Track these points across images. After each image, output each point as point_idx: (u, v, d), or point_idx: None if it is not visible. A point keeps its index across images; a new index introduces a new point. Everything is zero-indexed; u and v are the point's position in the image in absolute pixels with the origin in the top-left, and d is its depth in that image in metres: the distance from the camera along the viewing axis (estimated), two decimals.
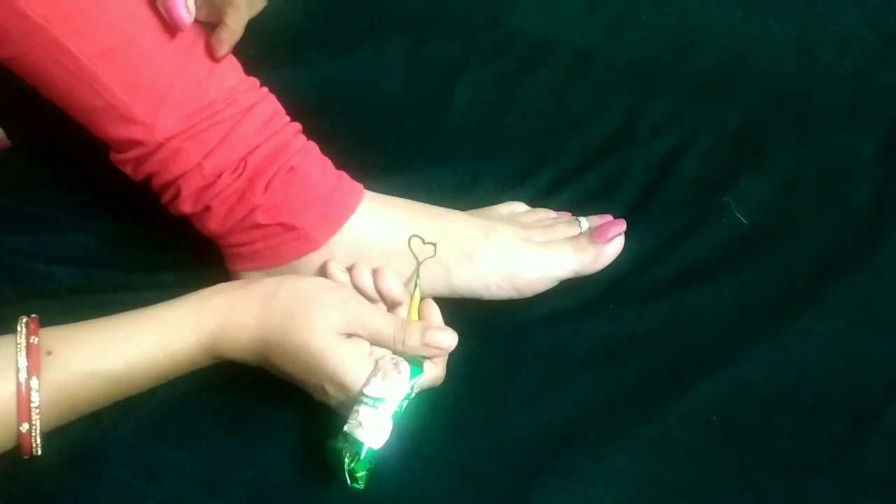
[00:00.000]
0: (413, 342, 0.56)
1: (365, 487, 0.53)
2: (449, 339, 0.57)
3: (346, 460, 0.53)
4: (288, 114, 0.62)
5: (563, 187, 0.73)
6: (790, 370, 0.62)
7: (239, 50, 0.60)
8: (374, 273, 0.60)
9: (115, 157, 0.59)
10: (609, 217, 0.68)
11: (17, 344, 0.49)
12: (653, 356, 0.63)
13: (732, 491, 0.57)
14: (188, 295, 0.55)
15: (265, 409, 0.60)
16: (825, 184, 0.72)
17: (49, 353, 0.50)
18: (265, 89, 0.61)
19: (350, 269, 0.60)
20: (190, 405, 0.55)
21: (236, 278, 0.63)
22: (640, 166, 0.74)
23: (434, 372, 0.58)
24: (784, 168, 0.73)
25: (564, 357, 0.63)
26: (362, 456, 0.53)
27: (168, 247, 0.68)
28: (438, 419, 0.58)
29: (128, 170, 0.60)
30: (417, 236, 0.62)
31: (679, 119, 0.77)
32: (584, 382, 0.62)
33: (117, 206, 0.70)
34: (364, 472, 0.53)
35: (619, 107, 0.78)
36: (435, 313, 0.60)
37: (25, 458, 0.50)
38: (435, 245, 0.62)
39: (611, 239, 0.65)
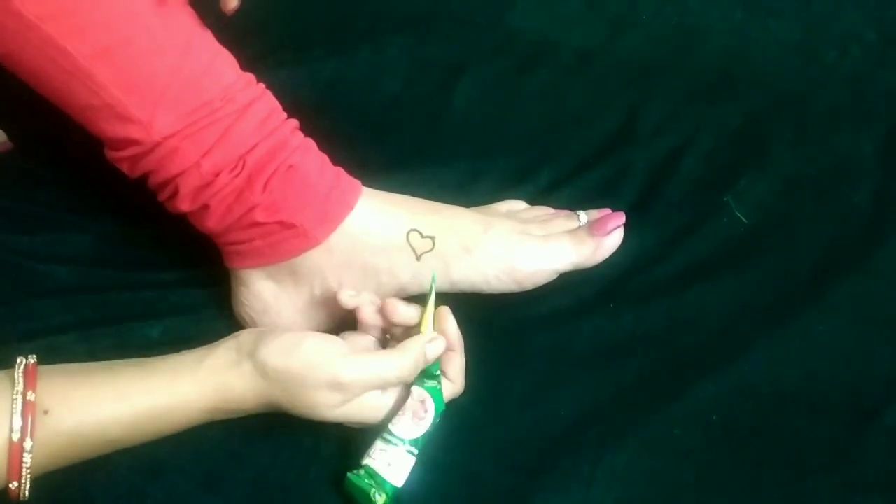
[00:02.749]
0: (412, 371, 0.56)
1: None
2: (434, 348, 0.57)
3: (374, 500, 0.53)
4: (288, 114, 0.62)
5: (563, 187, 0.73)
6: (790, 370, 0.62)
7: (238, 50, 0.60)
8: (384, 309, 0.59)
9: (110, 154, 0.59)
10: (608, 210, 0.68)
11: (12, 399, 0.48)
12: (653, 356, 0.63)
13: (732, 491, 0.57)
14: (188, 361, 0.54)
15: None
16: (825, 183, 0.72)
17: (46, 412, 0.49)
18: (261, 85, 0.61)
19: (357, 311, 0.59)
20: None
21: (235, 276, 0.63)
22: (640, 166, 0.74)
23: (453, 388, 0.58)
24: (784, 168, 0.73)
25: (564, 357, 0.63)
26: (388, 494, 0.53)
27: (168, 245, 0.68)
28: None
29: (124, 167, 0.60)
30: (416, 231, 0.62)
31: (679, 119, 0.77)
32: (584, 382, 0.62)
33: (117, 205, 0.70)
34: None
35: (620, 106, 0.78)
36: (449, 322, 0.59)
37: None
38: (433, 239, 0.62)
39: (610, 231, 0.65)
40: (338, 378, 0.53)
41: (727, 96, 0.78)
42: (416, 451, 0.55)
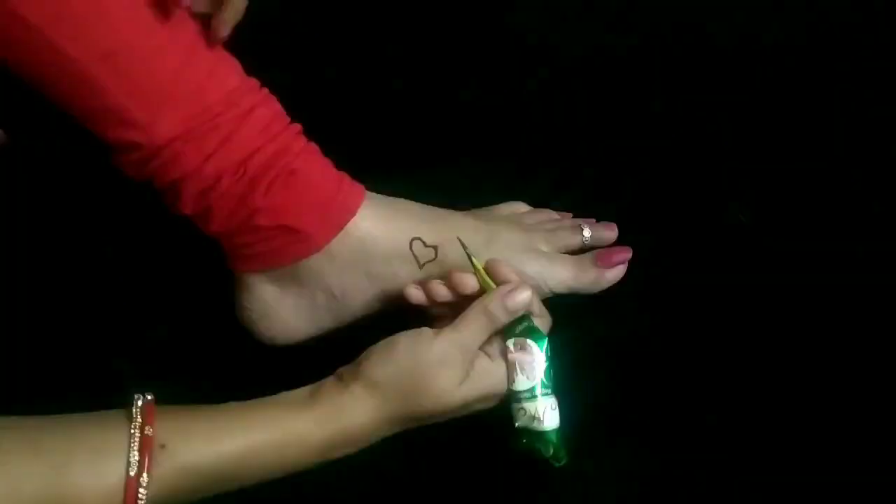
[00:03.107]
0: (504, 318, 0.56)
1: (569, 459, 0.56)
2: (524, 297, 0.56)
3: (543, 453, 0.55)
4: (288, 115, 0.62)
5: (564, 188, 0.73)
6: (792, 370, 0.62)
7: (239, 50, 0.60)
8: (452, 282, 0.58)
9: (115, 159, 0.59)
10: (614, 228, 0.68)
11: (130, 433, 0.48)
12: (654, 356, 0.63)
13: (734, 490, 0.57)
14: (297, 396, 0.54)
15: None
16: (826, 183, 0.72)
17: (163, 446, 0.49)
18: (265, 90, 0.61)
19: (425, 289, 0.59)
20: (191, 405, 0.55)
21: (237, 279, 0.63)
22: (640, 166, 0.74)
23: (544, 321, 0.58)
24: (785, 167, 0.73)
25: (565, 357, 0.63)
26: (554, 440, 0.55)
27: (170, 246, 0.68)
28: None
29: (128, 172, 0.59)
30: (419, 239, 0.62)
31: (680, 118, 0.77)
32: (585, 382, 0.62)
33: (117, 205, 0.70)
34: (563, 451, 0.55)
35: (620, 107, 0.78)
36: (504, 269, 0.58)
37: None
38: (436, 248, 0.62)
39: (614, 265, 0.65)
40: (446, 348, 0.54)
41: (728, 96, 0.78)
42: (549, 390, 0.56)
